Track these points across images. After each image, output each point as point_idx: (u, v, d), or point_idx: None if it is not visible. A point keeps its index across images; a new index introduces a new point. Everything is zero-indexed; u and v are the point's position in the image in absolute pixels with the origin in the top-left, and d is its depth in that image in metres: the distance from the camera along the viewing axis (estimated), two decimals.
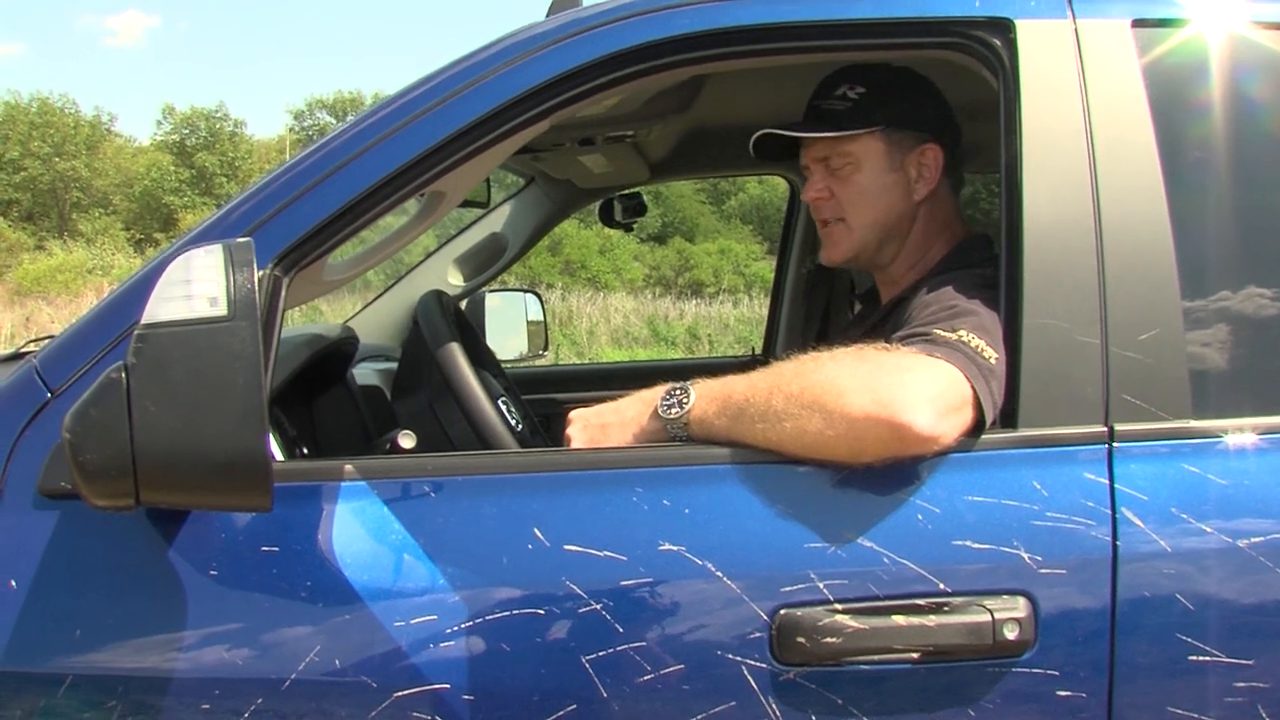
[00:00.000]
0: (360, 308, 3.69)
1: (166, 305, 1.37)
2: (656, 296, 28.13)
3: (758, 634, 1.49)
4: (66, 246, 33.95)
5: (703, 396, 1.65)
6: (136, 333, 1.37)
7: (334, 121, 53.52)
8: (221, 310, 1.36)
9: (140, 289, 1.64)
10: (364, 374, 2.81)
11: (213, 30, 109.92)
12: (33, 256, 31.97)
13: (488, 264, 3.66)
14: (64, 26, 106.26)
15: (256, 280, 1.39)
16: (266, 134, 64.37)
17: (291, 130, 53.72)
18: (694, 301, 27.30)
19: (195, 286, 1.37)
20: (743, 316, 24.42)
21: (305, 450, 2.20)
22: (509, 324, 3.73)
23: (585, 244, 31.49)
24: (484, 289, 3.71)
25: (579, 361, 17.26)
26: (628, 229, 3.82)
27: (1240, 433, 1.60)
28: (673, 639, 1.50)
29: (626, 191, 3.69)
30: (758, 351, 4.10)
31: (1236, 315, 1.69)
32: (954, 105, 2.11)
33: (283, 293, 1.64)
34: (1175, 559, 1.53)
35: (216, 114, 48.18)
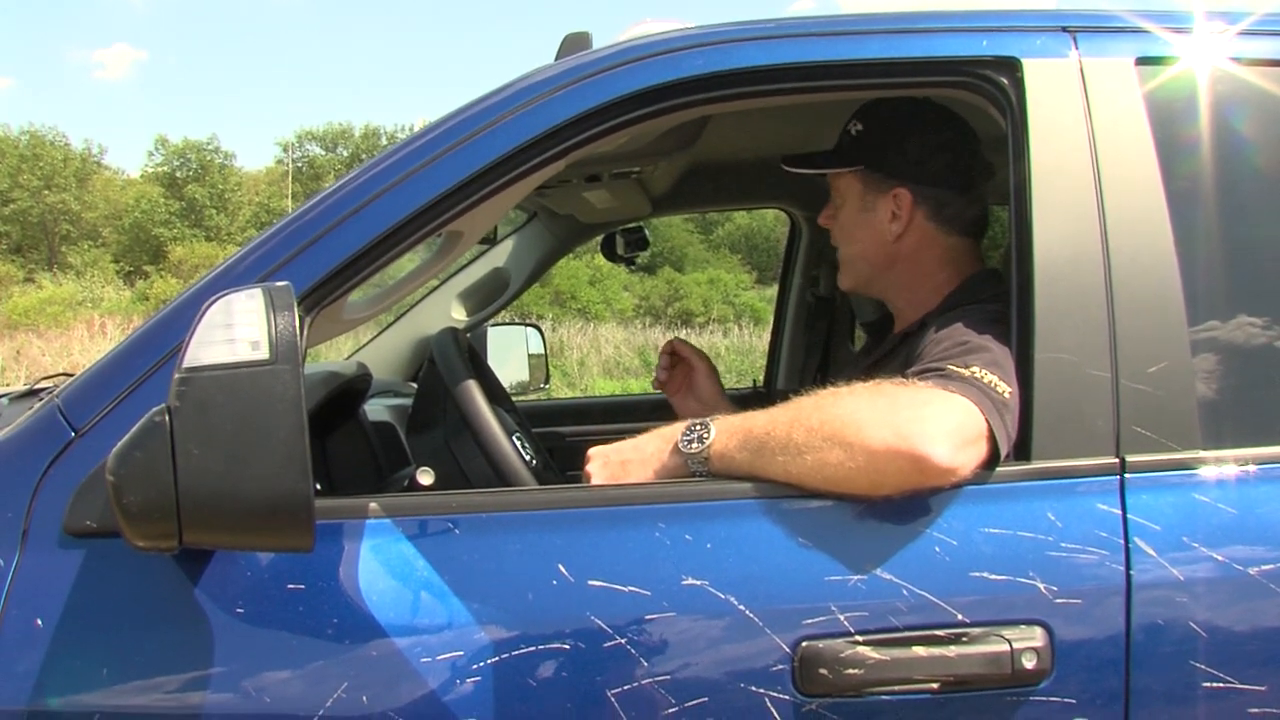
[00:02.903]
0: (364, 343, 3.71)
1: (208, 349, 1.39)
2: (647, 326, 28.12)
3: (780, 666, 1.51)
4: (56, 279, 33.89)
5: (723, 431, 1.67)
6: (179, 375, 1.39)
7: (323, 153, 53.59)
8: (263, 354, 1.38)
9: (162, 329, 1.66)
10: (374, 409, 2.82)
11: (200, 64, 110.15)
12: (22, 289, 31.87)
13: (491, 299, 3.68)
14: (53, 60, 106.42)
15: (297, 324, 1.41)
16: (255, 166, 64.41)
17: (280, 162, 53.77)
18: (684, 331, 27.28)
19: (237, 330, 1.39)
20: (733, 346, 24.41)
21: (319, 487, 2.21)
22: (510, 357, 3.76)
23: (575, 275, 31.51)
24: (486, 323, 3.74)
25: (572, 394, 17.26)
26: (630, 263, 3.84)
27: (1249, 462, 1.63)
28: (697, 672, 1.51)
29: (629, 226, 3.71)
30: (759, 383, 4.12)
31: (1244, 346, 1.72)
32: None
33: (305, 332, 1.65)
34: (1188, 587, 1.55)
35: (208, 146, 48.26)
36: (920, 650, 1.51)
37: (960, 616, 1.52)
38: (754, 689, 1.50)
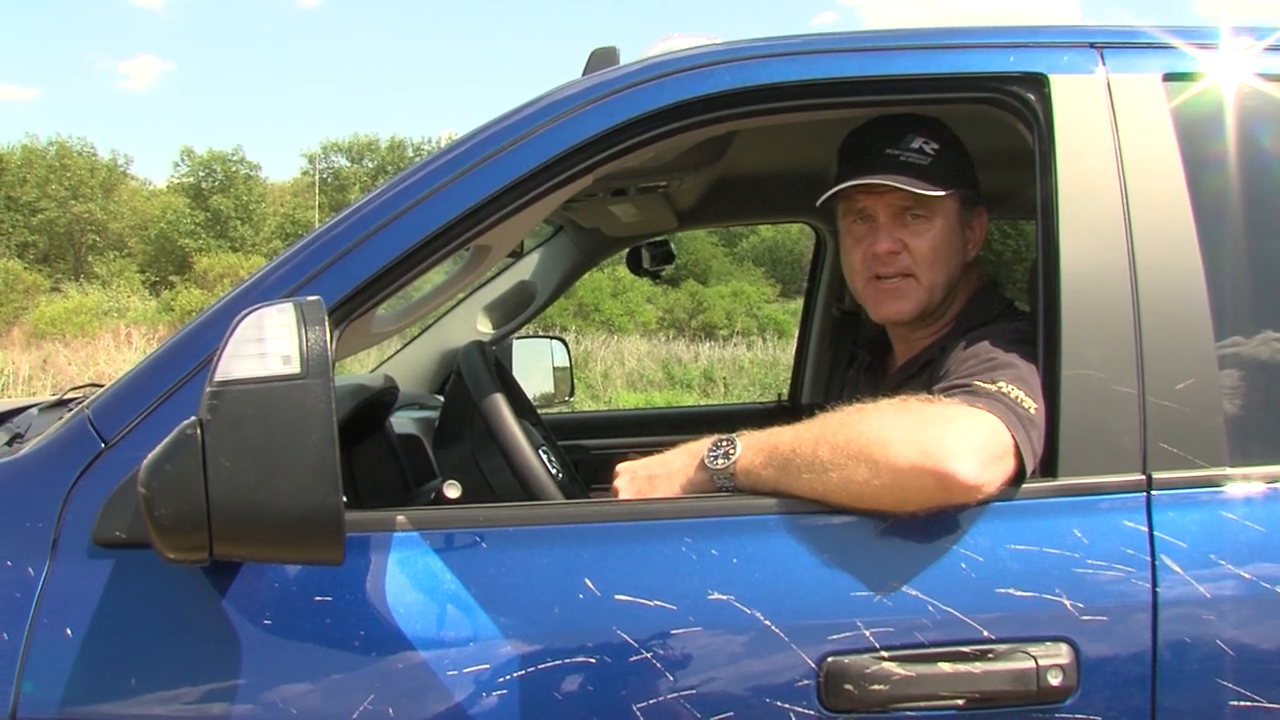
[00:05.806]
0: (389, 355, 3.72)
1: (241, 362, 1.40)
2: (670, 339, 28.03)
3: (806, 681, 1.51)
4: (82, 289, 34.03)
5: (749, 448, 1.67)
6: (211, 389, 1.40)
7: (349, 165, 53.78)
8: (295, 368, 1.39)
9: (192, 341, 1.67)
10: (400, 422, 2.83)
11: (225, 75, 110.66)
12: (49, 299, 32.04)
13: (516, 311, 3.69)
14: (80, 71, 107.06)
15: (329, 338, 1.42)
16: (281, 177, 64.71)
17: (306, 174, 54.02)
18: (707, 344, 27.20)
19: (269, 344, 1.40)
20: (756, 359, 24.35)
21: (345, 499, 2.22)
22: (535, 370, 3.77)
23: (598, 287, 31.47)
24: (511, 336, 3.75)
25: (596, 406, 17.27)
26: (656, 276, 3.85)
27: (1277, 479, 1.63)
28: (722, 687, 1.51)
29: (654, 239, 3.72)
30: (784, 397, 4.11)
31: (1271, 362, 1.71)
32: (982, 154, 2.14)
33: (334, 345, 1.66)
34: (1214, 605, 1.55)
35: (233, 157, 48.54)
36: (946, 666, 1.51)
37: (986, 633, 1.52)
38: (779, 704, 1.51)
